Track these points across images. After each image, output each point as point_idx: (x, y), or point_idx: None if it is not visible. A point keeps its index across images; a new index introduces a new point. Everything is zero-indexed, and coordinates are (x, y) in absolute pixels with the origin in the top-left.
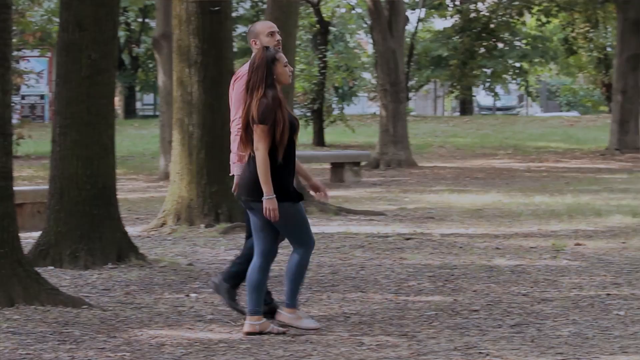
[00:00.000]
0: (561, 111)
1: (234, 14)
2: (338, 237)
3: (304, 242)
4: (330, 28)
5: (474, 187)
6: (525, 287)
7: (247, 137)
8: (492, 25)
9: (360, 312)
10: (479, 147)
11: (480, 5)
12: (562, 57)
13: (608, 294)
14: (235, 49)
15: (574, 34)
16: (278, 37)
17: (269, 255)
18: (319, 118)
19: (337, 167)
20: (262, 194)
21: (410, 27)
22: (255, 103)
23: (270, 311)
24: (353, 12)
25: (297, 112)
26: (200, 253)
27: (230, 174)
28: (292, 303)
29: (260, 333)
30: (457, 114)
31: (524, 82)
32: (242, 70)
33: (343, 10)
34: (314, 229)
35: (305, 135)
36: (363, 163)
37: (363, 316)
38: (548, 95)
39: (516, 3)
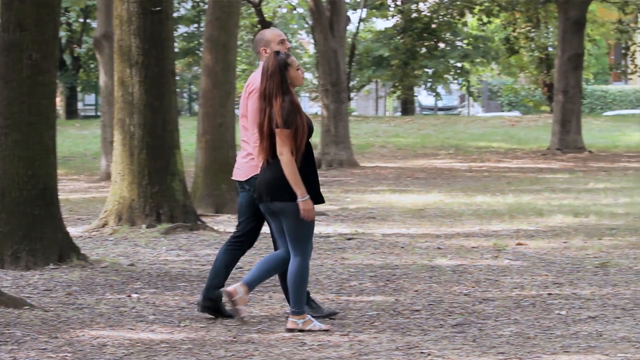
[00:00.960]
0: (503, 111)
1: (175, 14)
2: None
3: (304, 249)
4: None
5: (415, 187)
6: (467, 287)
7: (268, 144)
8: (433, 25)
9: None
10: (421, 147)
11: (421, 5)
12: (504, 57)
13: (549, 294)
14: (176, 49)
15: (515, 34)
16: (288, 44)
17: (307, 252)
18: None
19: None
20: (285, 195)
21: (351, 27)
22: (277, 109)
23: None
24: (294, 12)
25: (239, 112)
26: (142, 253)
27: (234, 178)
28: (299, 310)
29: (301, 330)
30: (399, 114)
31: (466, 82)
32: (255, 83)
33: (284, 10)
34: None
35: None
36: None
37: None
38: (489, 95)
39: (457, 3)
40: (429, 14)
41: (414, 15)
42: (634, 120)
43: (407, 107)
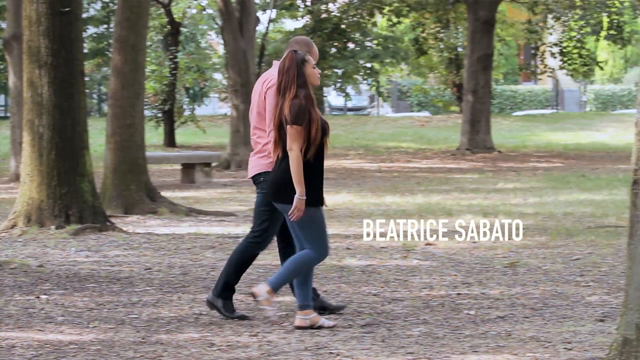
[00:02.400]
0: (412, 111)
1: (84, 15)
2: (189, 238)
3: (320, 246)
4: (181, 29)
5: (325, 187)
6: (376, 287)
7: (280, 139)
8: (343, 26)
9: (210, 312)
10: (330, 147)
11: (331, 5)
12: (413, 57)
13: (458, 294)
14: (85, 50)
15: (424, 35)
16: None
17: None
18: (169, 119)
19: (188, 168)
20: (285, 197)
21: (261, 28)
22: (287, 104)
23: (320, 307)
24: (204, 12)
25: (147, 113)
26: (51, 254)
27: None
28: (275, 287)
29: (311, 327)
30: None
31: (375, 82)
32: (273, 78)
33: (194, 11)
34: (164, 230)
35: (155, 136)
36: (214, 164)
37: (213, 317)
38: (399, 96)
39: (367, 3)
40: (338, 15)
41: (324, 15)
42: (543, 120)
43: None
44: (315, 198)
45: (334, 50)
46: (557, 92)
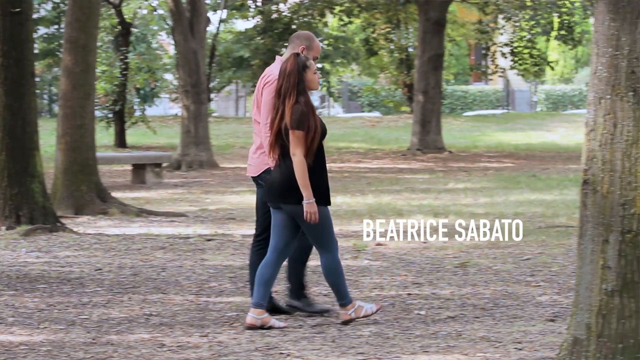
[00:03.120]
0: (363, 112)
1: (35, 16)
2: (139, 239)
3: (328, 245)
4: (132, 29)
5: None
6: (327, 288)
7: (277, 142)
8: (294, 26)
9: (161, 313)
10: None
11: (282, 6)
12: (364, 57)
13: (409, 294)
14: (36, 51)
15: (375, 35)
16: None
17: (284, 252)
18: (120, 119)
19: (139, 169)
20: (294, 197)
21: (211, 28)
22: (288, 109)
23: (272, 308)
24: (155, 13)
25: (98, 113)
26: (1, 255)
27: (248, 174)
28: (346, 301)
29: (262, 327)
30: None
31: (326, 82)
32: (272, 75)
33: (145, 11)
34: (114, 231)
35: (106, 136)
36: (164, 164)
37: (164, 317)
38: (350, 96)
39: (318, 4)
40: (289, 15)
41: (275, 16)
42: (494, 121)
43: None
44: (320, 198)
45: (284, 50)
46: (508, 92)
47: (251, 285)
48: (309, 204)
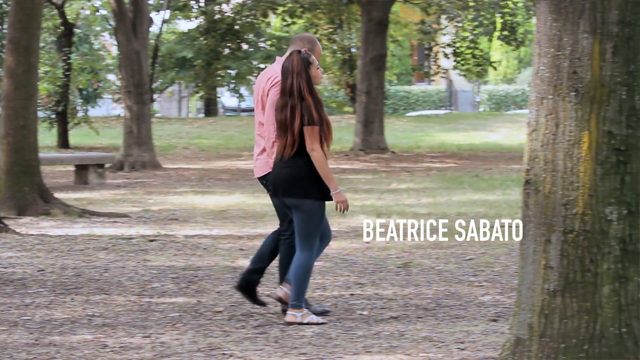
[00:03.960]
0: None
1: None
2: (82, 240)
3: (311, 244)
4: (75, 30)
5: (218, 189)
6: (269, 288)
7: (291, 139)
8: (236, 27)
9: (104, 314)
10: (224, 148)
11: (225, 6)
12: None
13: (352, 294)
14: None
15: (318, 35)
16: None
17: (313, 246)
18: (63, 120)
19: (81, 169)
20: (302, 192)
21: (154, 29)
22: (305, 105)
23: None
24: (97, 13)
25: (40, 114)
26: None
27: (256, 176)
28: (299, 304)
29: (300, 323)
30: (202, 115)
31: None
32: (278, 76)
33: (87, 12)
34: (57, 231)
35: (49, 137)
36: (107, 165)
37: (107, 318)
38: None
39: (261, 4)
40: (232, 15)
41: (217, 16)
42: (437, 121)
43: (210, 108)
44: (321, 192)
45: (227, 51)
46: (451, 93)
47: (252, 265)
48: (337, 194)
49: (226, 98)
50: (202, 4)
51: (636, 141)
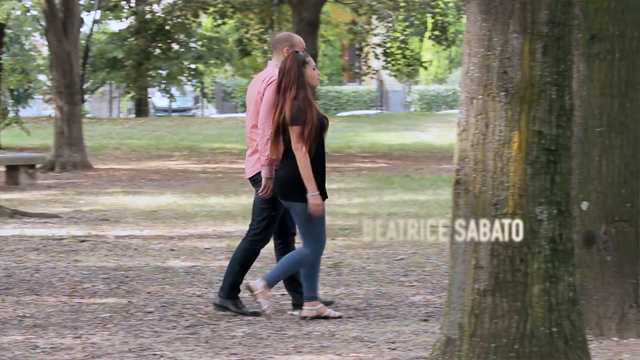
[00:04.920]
0: (237, 112)
1: None
2: (13, 240)
3: (315, 242)
4: (6, 30)
5: (149, 189)
6: (200, 288)
7: (279, 138)
8: (167, 27)
9: (34, 315)
10: (155, 148)
11: (155, 6)
12: (237, 58)
13: (283, 294)
14: None
15: (248, 35)
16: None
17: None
18: None
19: (12, 170)
20: (296, 194)
21: (85, 29)
22: (288, 105)
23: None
24: (28, 14)
25: None
26: None
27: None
28: (313, 295)
29: (318, 317)
30: (133, 115)
31: (200, 83)
32: (273, 76)
33: (18, 12)
34: None
35: None
36: (38, 165)
37: (37, 319)
38: (224, 97)
39: (191, 4)
40: (163, 15)
41: (148, 16)
42: (368, 121)
43: (141, 108)
44: (318, 191)
45: (158, 51)
46: (382, 93)
47: (286, 284)
48: (313, 197)
49: (157, 98)
50: (133, 5)
51: (566, 141)
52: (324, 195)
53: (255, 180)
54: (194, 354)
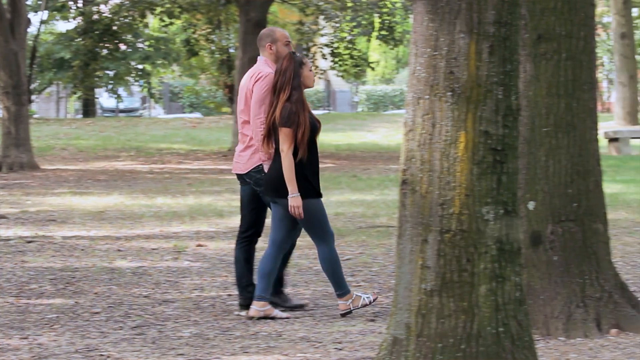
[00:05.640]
0: (184, 112)
1: None
2: None
3: (324, 237)
4: None
5: (96, 190)
6: (147, 289)
7: (271, 137)
8: (114, 27)
9: None
10: (102, 149)
11: (102, 7)
12: (185, 58)
13: (229, 295)
14: None
15: (196, 36)
16: (291, 47)
17: (282, 245)
18: None
19: None
20: (284, 192)
21: (32, 30)
22: (279, 106)
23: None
24: None
25: None
26: None
27: (234, 172)
28: (343, 291)
29: (265, 318)
30: (80, 116)
31: (147, 83)
32: (262, 71)
33: None
34: None
35: None
36: None
37: None
38: (171, 97)
39: (139, 4)
40: (110, 16)
41: (95, 17)
42: None
43: (89, 109)
44: (309, 190)
45: (105, 51)
46: (329, 93)
47: (237, 281)
48: (293, 198)
49: (104, 99)
50: (80, 5)
51: (512, 141)
52: (319, 194)
53: (248, 176)
54: (140, 354)
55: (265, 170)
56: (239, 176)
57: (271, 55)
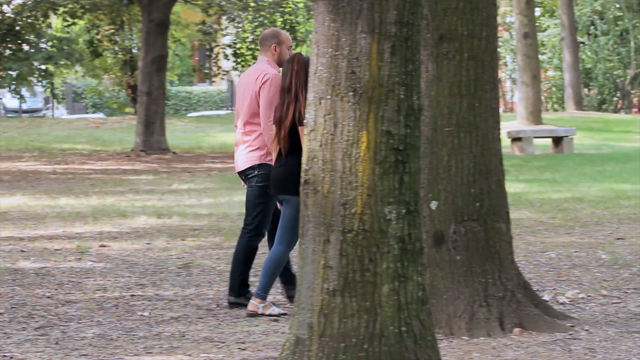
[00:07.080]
0: (87, 113)
1: None
2: None
3: (291, 239)
4: None
5: None
6: (50, 290)
7: (286, 136)
8: (17, 27)
9: None
10: (5, 149)
11: (5, 7)
12: (88, 59)
13: (132, 295)
14: None
15: (99, 36)
16: (291, 52)
17: (291, 244)
18: None
19: None
20: (296, 189)
21: None
22: (299, 105)
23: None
24: None
25: None
26: None
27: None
28: (263, 295)
29: (262, 315)
30: None
31: (50, 84)
32: (268, 73)
33: None
34: None
35: None
36: None
37: None
38: (74, 97)
39: (41, 5)
40: (12, 16)
41: None
42: (218, 121)
43: None
44: None
45: (8, 52)
46: (232, 93)
47: (231, 276)
48: None
49: (7, 99)
50: None
51: (414, 141)
52: None
53: (247, 174)
54: (44, 355)
55: (264, 170)
56: (239, 174)
57: (274, 57)
